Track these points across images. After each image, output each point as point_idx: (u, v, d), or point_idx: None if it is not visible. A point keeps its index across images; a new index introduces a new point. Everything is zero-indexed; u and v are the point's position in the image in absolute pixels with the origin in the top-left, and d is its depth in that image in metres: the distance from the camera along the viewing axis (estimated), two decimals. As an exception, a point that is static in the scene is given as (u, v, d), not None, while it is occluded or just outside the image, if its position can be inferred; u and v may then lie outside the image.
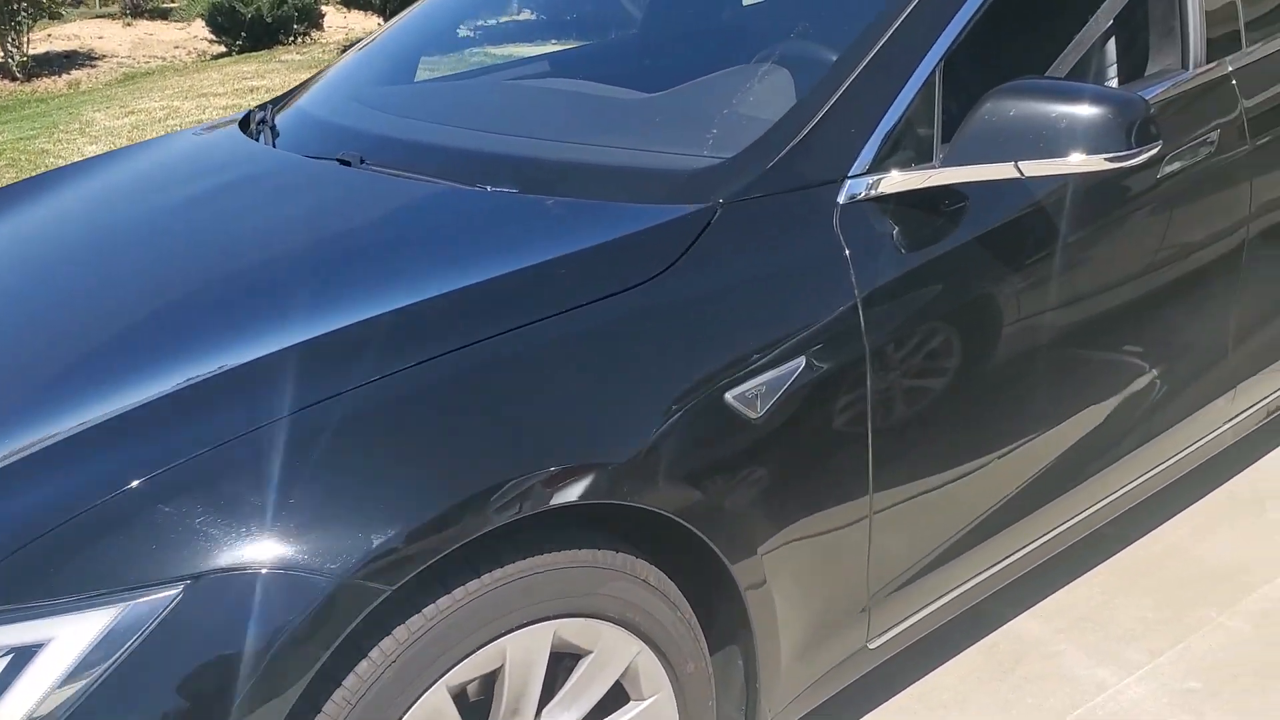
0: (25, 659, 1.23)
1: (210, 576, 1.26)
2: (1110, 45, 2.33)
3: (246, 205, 2.02)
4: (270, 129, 2.44)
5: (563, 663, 1.54)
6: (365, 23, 13.55)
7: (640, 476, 1.50)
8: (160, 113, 8.90)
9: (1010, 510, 2.08)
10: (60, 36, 14.02)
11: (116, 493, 1.32)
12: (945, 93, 1.88)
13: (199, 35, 13.88)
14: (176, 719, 1.24)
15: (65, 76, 12.36)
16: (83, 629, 1.23)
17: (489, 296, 1.58)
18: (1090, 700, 2.16)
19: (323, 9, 13.99)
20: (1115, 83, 2.35)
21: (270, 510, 1.29)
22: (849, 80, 1.84)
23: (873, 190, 1.77)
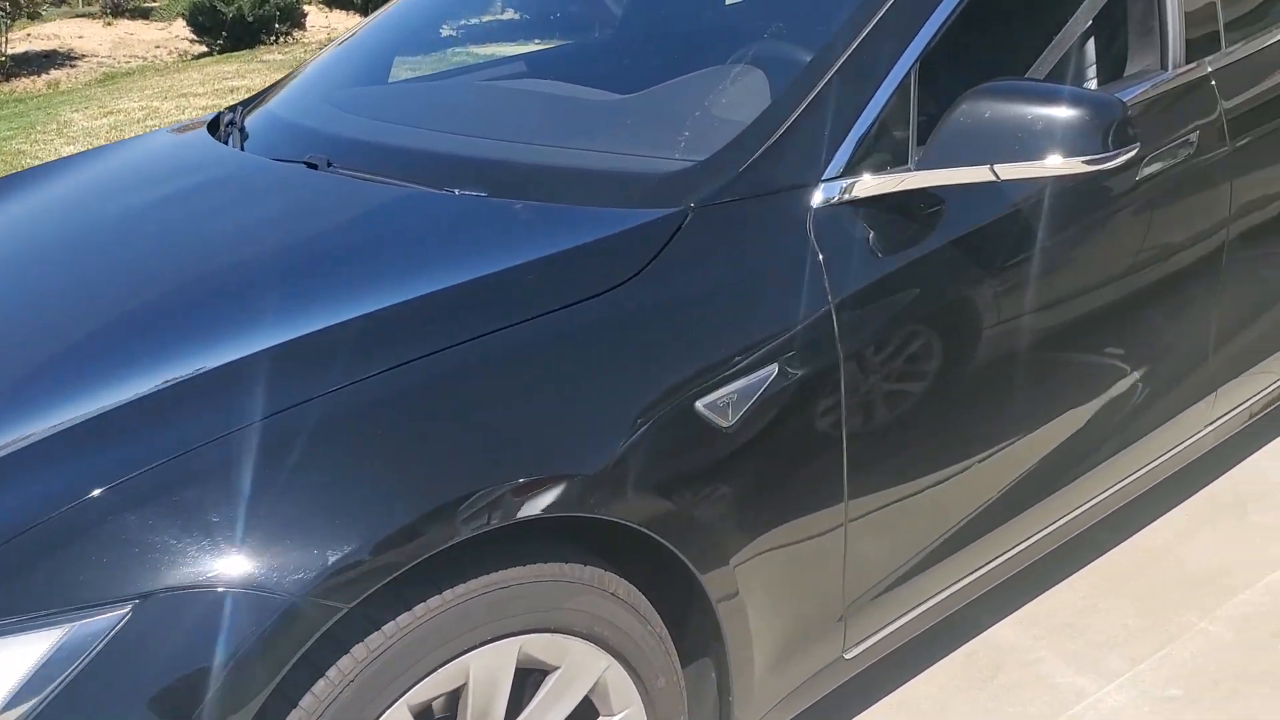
0: None
1: (160, 595, 1.22)
2: (1089, 46, 2.31)
3: (210, 209, 1.98)
4: (239, 131, 2.40)
5: (530, 678, 1.50)
6: (347, 22, 13.48)
7: (608, 488, 1.47)
8: (139, 113, 8.82)
9: (989, 517, 2.05)
10: (40, 36, 13.91)
11: (68, 507, 1.28)
12: (921, 94, 1.86)
13: (180, 35, 13.78)
14: None
15: (44, 76, 12.26)
16: (24, 653, 1.19)
17: (453, 303, 1.54)
18: (1070, 709, 2.14)
19: (305, 9, 13.91)
20: (1094, 83, 2.33)
21: (224, 525, 1.26)
22: (823, 82, 1.81)
23: (846, 194, 1.74)
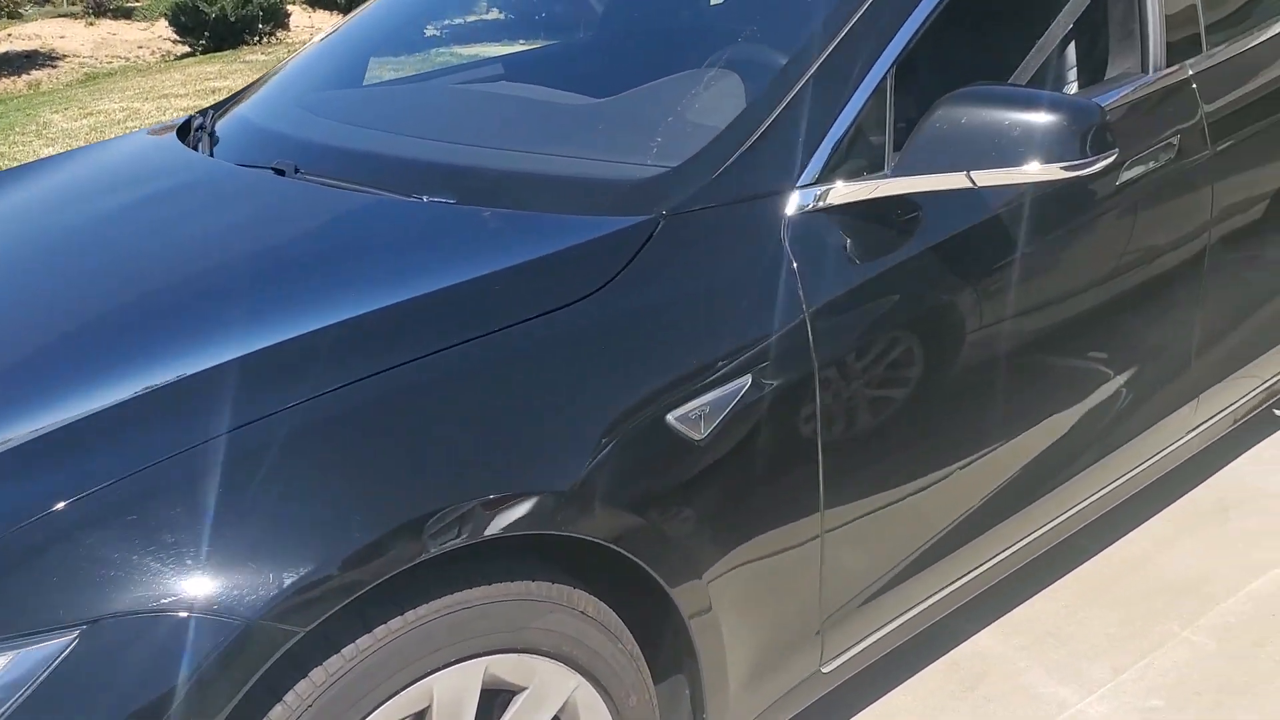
0: None
1: (108, 620, 1.18)
2: (1069, 49, 2.28)
3: (174, 217, 1.93)
4: (209, 135, 2.35)
5: (497, 699, 1.47)
6: (331, 22, 13.41)
7: (577, 504, 1.43)
8: (119, 114, 8.76)
9: (969, 527, 2.02)
10: (21, 36, 13.82)
11: (17, 526, 1.24)
12: (900, 99, 1.83)
13: (163, 35, 13.71)
14: None
15: (25, 77, 12.18)
16: None
17: (416, 315, 1.50)
18: (1052, 720, 2.12)
19: (288, 9, 13.85)
20: (1075, 86, 2.30)
21: (176, 546, 1.22)
22: (797, 87, 1.78)
23: (821, 201, 1.71)
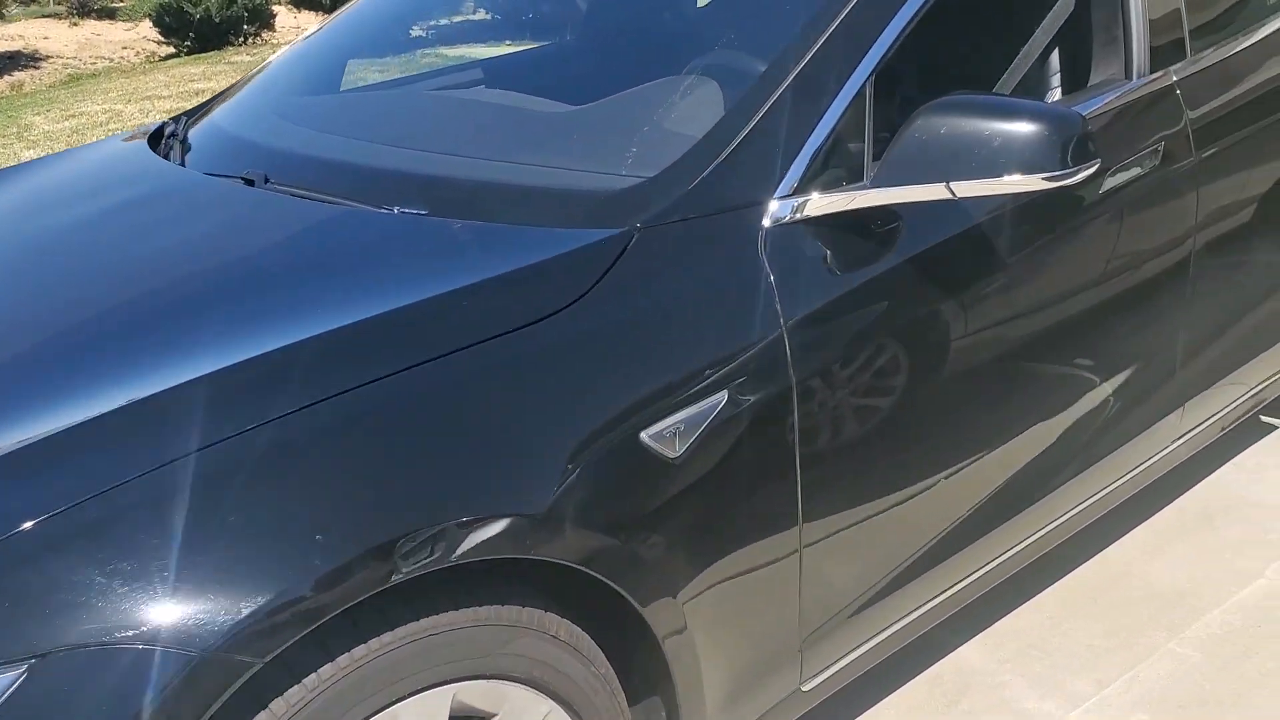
0: None
1: (59, 653, 1.14)
2: (1052, 55, 2.25)
3: (137, 229, 1.88)
4: (181, 143, 2.31)
5: (467, 725, 1.44)
6: (317, 23, 13.34)
7: (548, 526, 1.40)
8: (102, 116, 8.70)
9: (952, 541, 2.00)
10: (4, 37, 13.74)
11: None
12: (879, 108, 1.79)
13: (147, 36, 13.63)
14: None
15: (8, 78, 12.10)
16: None
17: (382, 332, 1.46)
18: (1036, 735, 2.09)
19: (273, 9, 13.79)
20: (1058, 93, 2.28)
21: (129, 575, 1.18)
22: (775, 96, 1.75)
23: (798, 213, 1.68)
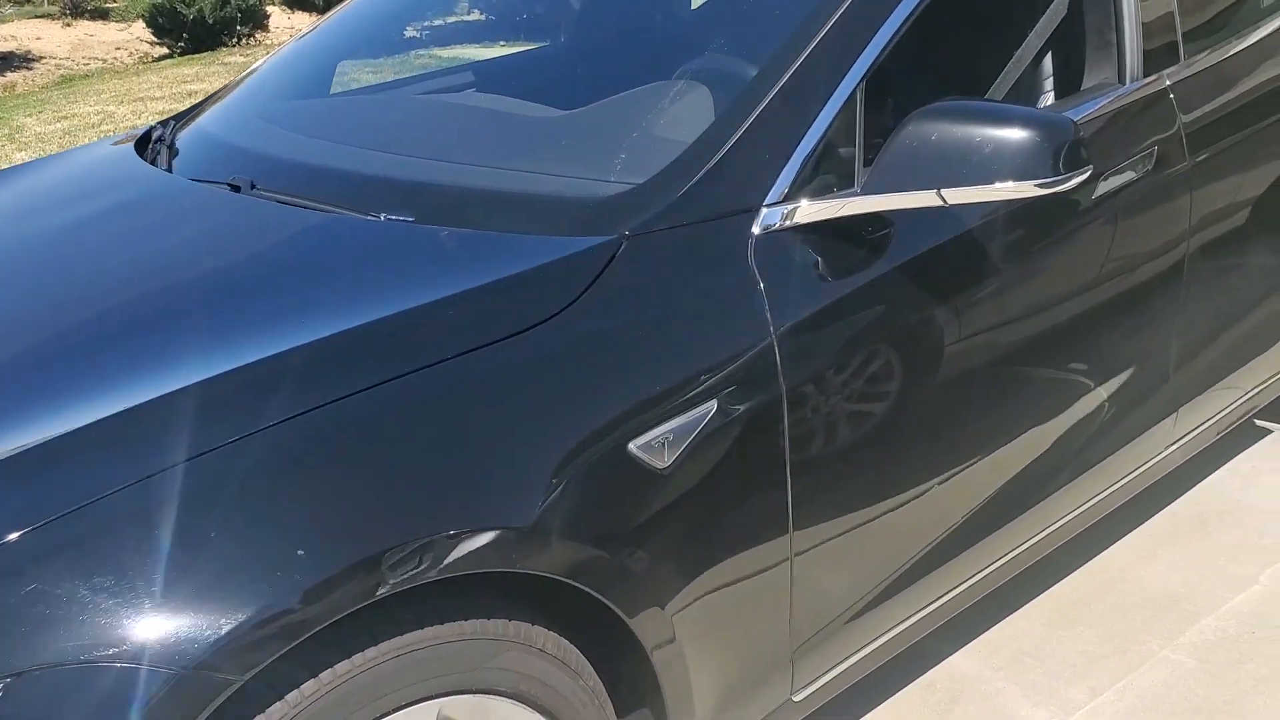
0: None
1: (33, 673, 1.12)
2: (1045, 60, 2.24)
3: (120, 237, 1.85)
4: (168, 148, 2.29)
5: (453, 739, 1.42)
6: (311, 24, 13.31)
7: (535, 539, 1.38)
8: (94, 118, 8.66)
9: (945, 548, 1.98)
10: (-3, 38, 13.69)
11: None
12: (870, 113, 1.78)
13: (141, 36, 13.58)
14: None
15: (0, 79, 12.05)
16: None
17: (366, 343, 1.44)
18: (1029, 744, 2.08)
19: (267, 10, 13.75)
20: (1051, 97, 2.26)
21: (105, 592, 1.16)
22: (765, 101, 1.73)
23: (788, 220, 1.66)
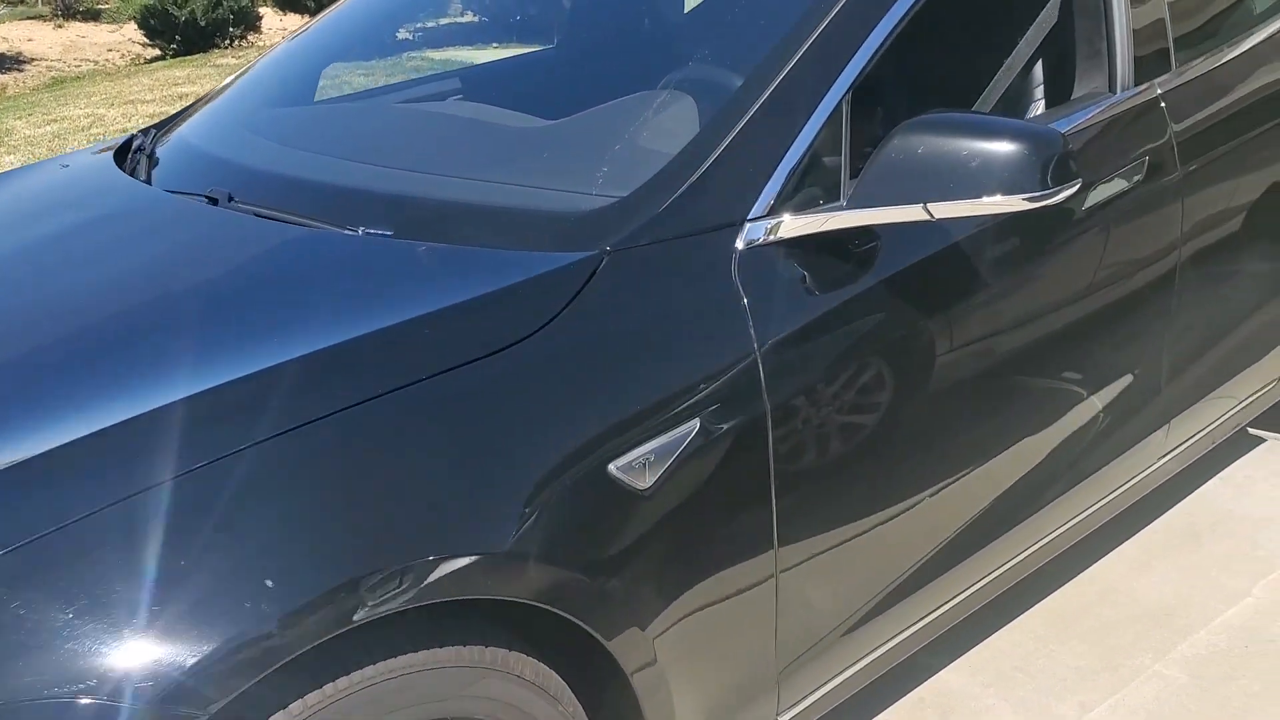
0: None
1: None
2: (1035, 69, 2.21)
3: (94, 250, 1.82)
4: (147, 158, 2.26)
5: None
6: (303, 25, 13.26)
7: (511, 566, 1.35)
8: (84, 120, 8.61)
9: (933, 565, 1.95)
10: (-13, 39, 13.62)
11: None
12: (856, 125, 1.75)
13: (132, 38, 13.53)
14: None
15: (-9, 81, 12.00)
16: None
17: (339, 363, 1.41)
18: (1019, 763, 2.05)
19: (260, 11, 13.71)
20: (1041, 106, 2.24)
21: (63, 624, 1.13)
22: (750, 114, 1.70)
23: (772, 235, 1.64)
